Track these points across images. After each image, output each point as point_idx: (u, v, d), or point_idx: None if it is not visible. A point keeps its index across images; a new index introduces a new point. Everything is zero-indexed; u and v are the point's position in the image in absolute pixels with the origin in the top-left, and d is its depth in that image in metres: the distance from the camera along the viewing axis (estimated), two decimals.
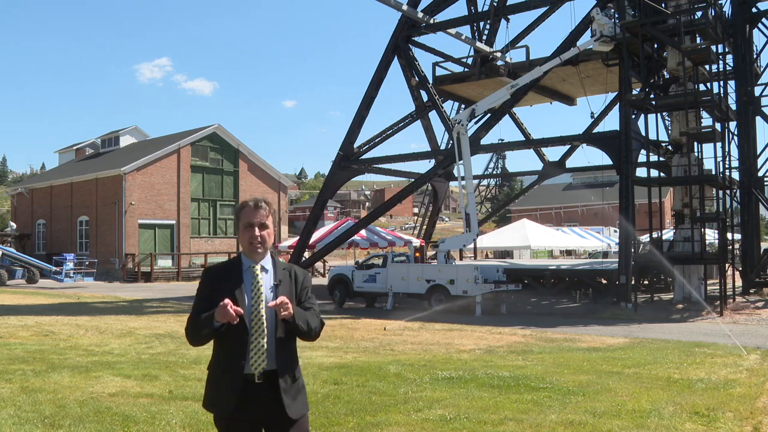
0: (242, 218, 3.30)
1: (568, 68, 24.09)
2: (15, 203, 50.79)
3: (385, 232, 33.76)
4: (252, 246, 3.26)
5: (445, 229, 76.24)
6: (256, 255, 3.27)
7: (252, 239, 3.26)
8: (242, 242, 3.30)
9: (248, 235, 3.26)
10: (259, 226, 3.26)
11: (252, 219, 3.26)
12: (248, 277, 3.24)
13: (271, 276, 3.28)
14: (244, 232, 3.28)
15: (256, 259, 3.28)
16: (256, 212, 3.27)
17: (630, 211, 20.62)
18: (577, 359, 10.71)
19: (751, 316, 18.14)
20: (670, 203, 42.14)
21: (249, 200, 3.35)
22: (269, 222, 3.30)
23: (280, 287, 3.26)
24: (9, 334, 13.51)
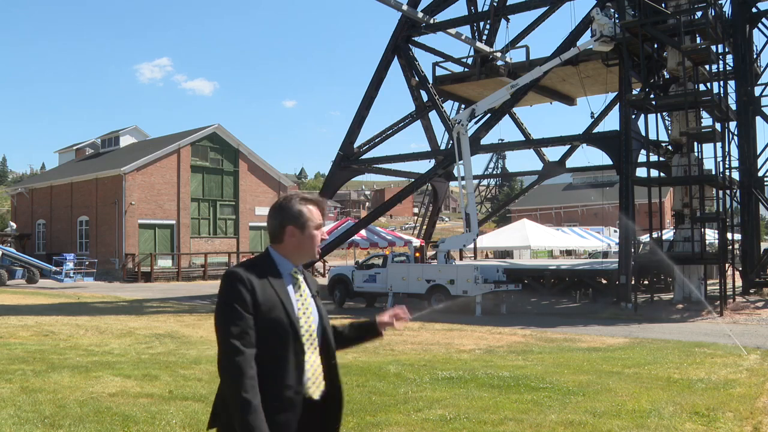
0: (313, 219, 2.76)
1: (568, 68, 24.10)
2: (15, 203, 50.79)
3: (385, 232, 33.76)
4: (316, 251, 2.82)
5: (445, 229, 76.26)
6: (304, 259, 2.82)
7: (318, 243, 2.80)
8: (306, 246, 2.75)
9: (317, 239, 2.79)
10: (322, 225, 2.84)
11: (322, 220, 2.81)
12: (289, 283, 2.72)
13: (306, 282, 2.82)
14: (314, 235, 2.76)
15: (296, 263, 2.77)
16: (321, 211, 2.83)
17: (630, 211, 20.62)
18: (577, 359, 10.72)
19: (751, 316, 18.14)
20: (670, 203, 42.13)
21: (315, 198, 2.83)
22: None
23: (318, 298, 2.84)
24: (9, 334, 13.51)
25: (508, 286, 20.36)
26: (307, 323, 2.67)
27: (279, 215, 2.73)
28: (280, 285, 2.64)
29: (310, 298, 2.75)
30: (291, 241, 2.72)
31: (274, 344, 2.55)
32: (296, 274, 2.74)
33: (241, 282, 2.55)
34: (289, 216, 2.71)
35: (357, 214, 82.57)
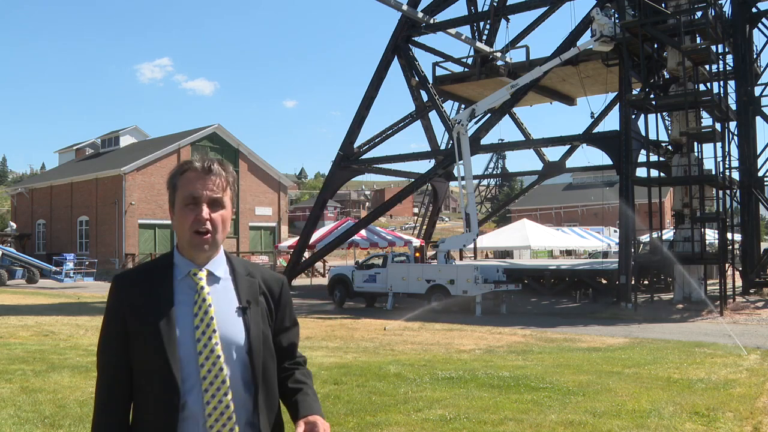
0: (181, 188, 1.98)
1: (568, 68, 24.11)
2: (15, 203, 50.79)
3: (385, 232, 33.78)
4: (196, 237, 1.94)
5: (445, 229, 76.23)
6: (200, 253, 1.96)
7: (197, 224, 1.93)
8: (178, 229, 1.98)
9: (191, 218, 1.94)
10: (208, 202, 1.95)
11: (198, 189, 1.95)
12: (185, 290, 1.95)
13: (226, 289, 1.99)
14: (184, 212, 1.95)
15: (199, 261, 1.97)
16: (206, 179, 1.96)
17: (630, 212, 20.62)
18: (577, 359, 10.71)
19: (751, 316, 18.14)
20: (670, 203, 42.14)
21: (194, 159, 2.01)
22: (226, 199, 2.00)
23: (251, 311, 1.98)
24: (9, 334, 13.51)
25: (508, 286, 20.37)
26: (206, 347, 1.88)
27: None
28: (167, 294, 1.93)
29: (223, 313, 1.94)
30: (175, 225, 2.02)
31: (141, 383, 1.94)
32: (197, 277, 1.95)
33: (116, 291, 1.99)
34: (169, 189, 2.05)
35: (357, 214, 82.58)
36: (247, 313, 1.98)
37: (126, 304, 1.95)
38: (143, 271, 2.03)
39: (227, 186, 2.01)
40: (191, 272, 1.97)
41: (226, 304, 1.97)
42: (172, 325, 1.90)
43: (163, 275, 1.98)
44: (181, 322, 1.91)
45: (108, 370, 2.01)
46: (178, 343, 1.89)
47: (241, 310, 1.98)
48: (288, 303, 2.15)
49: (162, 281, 1.96)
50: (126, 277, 2.03)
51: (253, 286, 2.05)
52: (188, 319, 1.92)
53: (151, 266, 2.03)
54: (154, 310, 1.91)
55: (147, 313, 1.91)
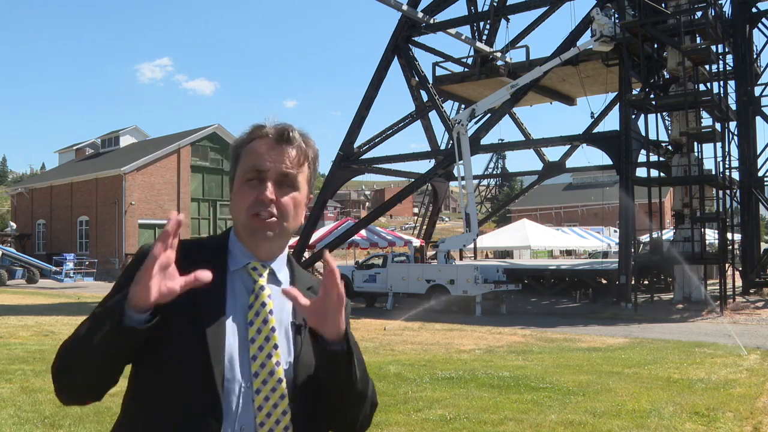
0: (244, 158, 1.54)
1: (568, 68, 24.10)
2: (15, 203, 50.79)
3: (385, 232, 33.76)
4: (257, 222, 1.49)
5: (445, 229, 76.22)
6: (262, 241, 1.51)
7: (258, 205, 1.49)
8: (234, 211, 1.53)
9: (251, 197, 1.49)
10: (277, 179, 1.51)
11: (265, 162, 1.50)
12: (237, 287, 1.51)
13: (284, 299, 1.47)
14: (243, 189, 1.51)
15: (260, 254, 1.53)
16: (279, 150, 1.52)
17: (630, 211, 20.63)
18: (577, 359, 10.72)
19: (751, 316, 18.14)
20: (670, 203, 42.15)
21: (267, 124, 1.55)
22: (302, 178, 1.55)
23: (304, 333, 1.52)
24: (9, 334, 13.51)
25: (508, 286, 20.38)
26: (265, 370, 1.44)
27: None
28: (210, 288, 1.41)
29: (287, 327, 1.51)
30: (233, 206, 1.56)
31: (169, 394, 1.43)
32: (256, 273, 1.51)
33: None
34: (231, 162, 1.61)
35: (357, 214, 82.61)
36: (301, 333, 1.51)
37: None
38: (187, 247, 1.48)
39: (305, 162, 1.56)
40: (250, 265, 1.52)
41: (281, 318, 1.52)
42: (220, 332, 1.43)
43: (212, 260, 1.47)
44: (232, 328, 1.46)
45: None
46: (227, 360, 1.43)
47: (294, 328, 1.51)
48: (348, 329, 1.50)
49: (209, 268, 1.39)
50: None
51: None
52: (240, 327, 1.46)
53: (197, 246, 1.56)
54: (196, 306, 1.43)
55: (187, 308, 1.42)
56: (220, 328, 1.45)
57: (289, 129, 1.54)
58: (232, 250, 1.56)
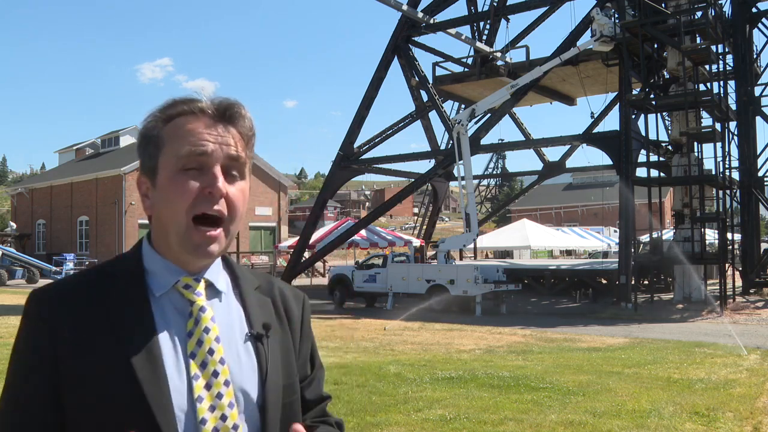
0: (172, 141, 1.19)
1: (568, 68, 24.10)
2: (15, 203, 50.79)
3: (385, 232, 33.77)
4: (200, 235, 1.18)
5: (445, 229, 76.21)
6: (200, 256, 1.20)
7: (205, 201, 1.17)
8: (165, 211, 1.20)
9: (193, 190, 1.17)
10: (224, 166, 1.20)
11: (207, 143, 1.18)
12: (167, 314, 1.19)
13: (230, 310, 1.26)
14: (178, 181, 1.17)
15: (192, 266, 1.23)
16: (222, 130, 1.21)
17: (630, 211, 20.64)
18: (577, 359, 10.71)
19: (751, 316, 18.14)
20: (670, 203, 42.15)
21: (195, 97, 1.23)
22: (247, 162, 1.25)
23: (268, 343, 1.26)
24: (9, 334, 13.51)
25: (508, 286, 20.37)
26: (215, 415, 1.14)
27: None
28: (130, 320, 1.15)
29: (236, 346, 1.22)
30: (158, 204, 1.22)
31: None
32: (191, 292, 1.21)
33: (38, 318, 1.17)
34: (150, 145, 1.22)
35: (357, 214, 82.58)
36: (264, 344, 1.24)
37: (65, 339, 1.13)
38: (88, 283, 1.20)
39: (248, 144, 1.24)
40: (180, 283, 1.20)
41: (233, 336, 1.23)
42: (159, 375, 1.12)
43: (128, 289, 1.18)
44: (167, 369, 1.13)
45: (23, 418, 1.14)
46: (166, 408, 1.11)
47: (253, 340, 1.24)
48: (311, 334, 1.42)
49: (127, 299, 1.16)
50: (60, 296, 1.17)
51: (267, 306, 1.31)
52: (179, 362, 1.15)
53: (101, 275, 1.22)
54: (121, 349, 1.12)
55: (107, 354, 1.11)
56: (158, 375, 1.11)
57: (236, 104, 1.23)
58: (150, 269, 1.22)
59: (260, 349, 1.23)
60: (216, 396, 1.15)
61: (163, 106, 1.22)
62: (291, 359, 1.31)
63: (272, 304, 1.33)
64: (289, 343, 1.32)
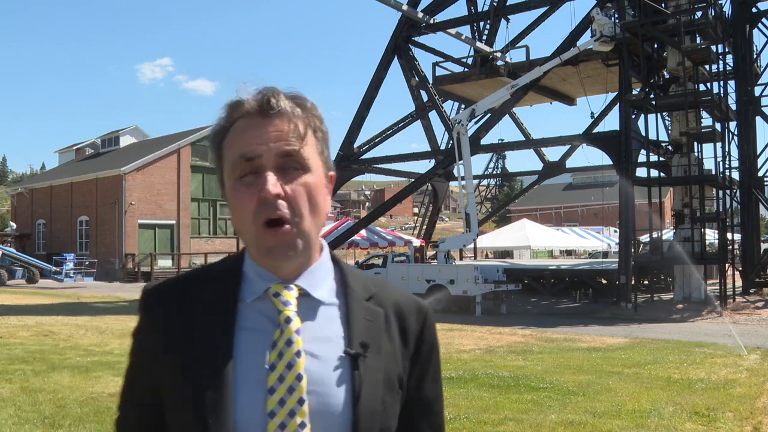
0: (229, 149, 1.17)
1: (568, 68, 24.11)
2: (15, 203, 50.79)
3: (385, 232, 33.76)
4: (267, 233, 1.11)
5: (445, 229, 76.23)
6: (281, 260, 1.14)
7: (263, 208, 1.10)
8: (237, 223, 1.16)
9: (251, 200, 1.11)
10: (276, 164, 1.12)
11: (252, 145, 1.12)
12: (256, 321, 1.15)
13: (330, 322, 1.17)
14: (237, 191, 1.13)
15: (283, 271, 1.16)
16: (267, 125, 1.13)
17: (630, 211, 20.64)
18: (577, 359, 10.72)
19: (751, 316, 18.14)
20: (670, 203, 42.15)
21: (244, 96, 1.16)
22: (309, 152, 1.15)
23: (366, 364, 1.14)
24: (9, 334, 13.51)
25: (508, 286, 20.38)
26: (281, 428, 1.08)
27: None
28: (216, 326, 1.14)
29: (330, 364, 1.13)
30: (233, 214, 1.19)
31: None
32: (280, 301, 1.14)
33: (145, 316, 1.23)
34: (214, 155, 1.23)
35: (357, 214, 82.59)
36: (360, 366, 1.13)
37: (160, 338, 1.17)
38: (191, 282, 1.22)
39: (307, 130, 1.16)
40: (270, 291, 1.15)
41: (327, 350, 1.14)
42: (224, 382, 1.10)
43: (222, 292, 1.17)
44: (243, 376, 1.11)
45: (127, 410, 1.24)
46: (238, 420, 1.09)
47: (349, 361, 1.14)
48: (433, 351, 1.27)
49: (219, 302, 1.16)
50: (162, 294, 1.22)
51: (377, 320, 1.20)
52: (258, 372, 1.11)
53: (202, 275, 1.22)
54: (197, 352, 1.13)
55: (186, 355, 1.13)
56: (222, 383, 1.10)
57: (273, 94, 1.14)
58: (247, 273, 1.19)
59: (356, 368, 1.13)
60: (288, 413, 1.08)
61: (219, 117, 1.21)
62: (394, 382, 1.18)
63: (384, 318, 1.20)
64: (398, 363, 1.19)
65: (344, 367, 1.13)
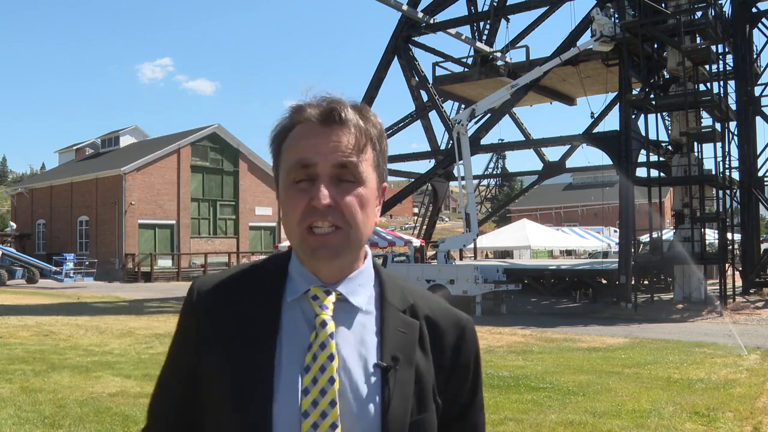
0: (287, 153, 1.19)
1: (568, 68, 24.11)
2: (15, 203, 50.78)
3: (385, 232, 33.72)
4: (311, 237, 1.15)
5: (445, 229, 76.21)
6: (322, 263, 1.18)
7: (310, 213, 1.14)
8: (286, 223, 1.19)
9: (301, 204, 1.15)
10: (332, 174, 1.15)
11: (310, 153, 1.16)
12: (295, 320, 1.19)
13: (365, 330, 1.20)
14: (290, 194, 1.17)
15: (325, 275, 1.20)
16: (329, 134, 1.17)
17: (630, 211, 20.65)
18: (577, 359, 10.72)
19: (751, 316, 18.14)
20: (670, 203, 42.14)
21: (307, 102, 1.20)
22: (366, 166, 1.18)
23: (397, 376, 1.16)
24: (9, 334, 13.51)
25: (508, 286, 20.37)
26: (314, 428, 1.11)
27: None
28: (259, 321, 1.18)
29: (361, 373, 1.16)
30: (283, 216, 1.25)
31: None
32: (317, 304, 1.18)
33: (194, 305, 1.24)
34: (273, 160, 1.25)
35: None
36: (389, 379, 1.15)
37: (204, 328, 1.20)
38: (237, 278, 1.25)
39: (367, 144, 1.19)
40: (310, 293, 1.19)
41: (359, 357, 1.17)
42: (264, 378, 1.14)
43: (267, 290, 1.21)
44: (282, 375, 1.14)
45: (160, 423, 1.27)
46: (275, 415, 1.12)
47: (380, 372, 1.16)
48: (472, 368, 1.30)
49: (261, 300, 1.20)
50: (210, 287, 1.24)
51: (412, 331, 1.21)
52: (293, 372, 1.14)
53: (250, 272, 1.26)
54: (240, 347, 1.16)
55: (229, 350, 1.17)
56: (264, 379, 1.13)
57: (337, 105, 1.18)
58: (291, 273, 1.23)
59: (386, 381, 1.15)
60: (320, 414, 1.11)
61: (283, 116, 1.23)
62: (426, 393, 1.19)
63: (419, 331, 1.22)
64: (430, 374, 1.20)
65: (375, 378, 1.16)
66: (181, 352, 1.26)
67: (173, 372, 1.27)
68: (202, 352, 1.19)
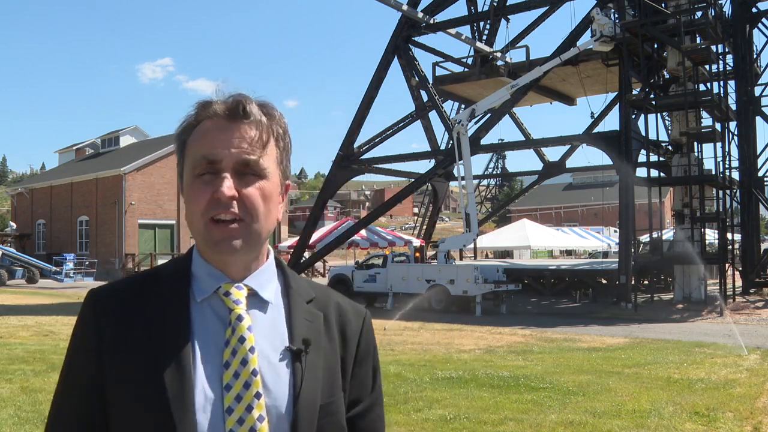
0: (191, 146, 1.21)
1: (568, 68, 24.10)
2: (15, 203, 50.78)
3: (385, 232, 33.76)
4: (214, 228, 1.16)
5: (445, 229, 76.20)
6: (227, 255, 1.18)
7: (214, 206, 1.15)
8: (189, 217, 1.20)
9: (204, 196, 1.16)
10: (235, 168, 1.17)
11: (216, 148, 1.17)
12: (207, 320, 1.18)
13: (276, 323, 1.23)
14: (195, 187, 1.18)
15: (233, 271, 1.21)
16: (233, 130, 1.19)
17: (630, 211, 20.65)
18: (577, 359, 10.72)
19: (751, 316, 18.14)
20: (670, 203, 42.14)
21: (215, 98, 1.23)
22: (269, 162, 1.21)
23: (308, 360, 1.20)
24: (9, 334, 13.51)
25: (508, 286, 20.37)
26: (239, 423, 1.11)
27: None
28: (169, 324, 1.16)
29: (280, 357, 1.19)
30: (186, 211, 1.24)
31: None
32: (230, 299, 1.18)
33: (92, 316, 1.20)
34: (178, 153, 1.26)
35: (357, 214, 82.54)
36: (301, 361, 1.19)
37: (108, 336, 1.17)
38: (137, 284, 1.22)
39: (269, 140, 1.21)
40: (221, 290, 1.19)
41: (274, 347, 1.19)
42: (185, 381, 1.12)
43: (173, 292, 1.19)
44: (198, 375, 1.13)
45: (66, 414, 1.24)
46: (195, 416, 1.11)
47: (290, 355, 1.19)
48: (372, 355, 1.34)
49: (168, 303, 1.18)
50: (109, 295, 1.22)
51: (317, 321, 1.26)
52: (213, 371, 1.14)
53: (151, 277, 1.24)
54: (153, 351, 1.14)
55: (141, 354, 1.14)
56: (183, 379, 1.11)
57: (243, 101, 1.20)
58: (196, 273, 1.22)
59: (297, 364, 1.19)
60: (246, 408, 1.12)
61: (189, 113, 1.24)
62: (335, 379, 1.23)
63: (323, 320, 1.27)
64: (337, 361, 1.25)
65: (288, 363, 1.19)
66: (80, 367, 1.21)
67: (73, 388, 1.23)
68: (106, 362, 1.16)
